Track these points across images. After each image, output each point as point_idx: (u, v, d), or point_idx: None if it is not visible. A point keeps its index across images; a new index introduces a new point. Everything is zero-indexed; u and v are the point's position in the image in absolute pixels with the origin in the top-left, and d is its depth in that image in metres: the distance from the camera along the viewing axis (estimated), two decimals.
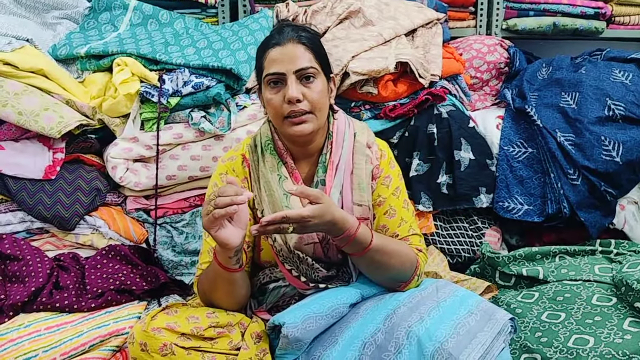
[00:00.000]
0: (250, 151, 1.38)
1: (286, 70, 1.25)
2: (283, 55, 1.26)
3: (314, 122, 1.28)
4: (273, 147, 1.36)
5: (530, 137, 1.88)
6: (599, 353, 1.22)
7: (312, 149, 1.36)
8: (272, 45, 1.28)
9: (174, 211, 1.84)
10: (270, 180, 1.32)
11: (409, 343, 1.10)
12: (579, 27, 2.23)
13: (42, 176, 1.67)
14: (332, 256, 1.34)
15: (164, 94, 1.75)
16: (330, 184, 1.33)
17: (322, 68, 1.30)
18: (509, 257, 1.64)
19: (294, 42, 1.27)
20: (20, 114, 1.63)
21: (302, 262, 1.31)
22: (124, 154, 1.76)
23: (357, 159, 1.36)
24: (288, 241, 1.31)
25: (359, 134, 1.40)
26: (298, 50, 1.26)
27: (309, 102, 1.26)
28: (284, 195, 1.31)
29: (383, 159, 1.40)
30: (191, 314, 1.20)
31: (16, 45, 1.74)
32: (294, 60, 1.25)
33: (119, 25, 2.06)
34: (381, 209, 1.36)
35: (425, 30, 2.04)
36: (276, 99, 1.27)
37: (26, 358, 1.36)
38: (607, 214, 1.81)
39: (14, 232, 1.69)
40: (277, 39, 1.28)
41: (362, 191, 1.34)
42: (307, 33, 1.31)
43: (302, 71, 1.26)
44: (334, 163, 1.34)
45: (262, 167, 1.35)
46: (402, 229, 1.35)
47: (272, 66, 1.26)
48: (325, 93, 1.31)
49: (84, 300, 1.56)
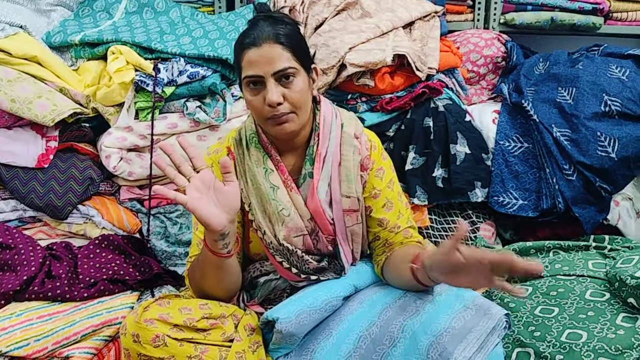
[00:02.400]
0: (236, 144, 1.37)
1: (264, 73, 1.21)
2: (260, 57, 1.21)
3: (296, 121, 1.27)
4: (257, 140, 1.34)
5: (526, 132, 1.88)
6: (592, 348, 1.23)
7: (298, 142, 1.35)
8: (247, 46, 1.23)
9: (167, 201, 1.83)
10: (257, 174, 1.31)
11: (404, 337, 1.10)
12: (577, 22, 2.23)
13: (35, 164, 1.66)
14: (322, 248, 1.34)
15: (159, 83, 1.73)
16: (318, 177, 1.32)
17: (301, 64, 1.26)
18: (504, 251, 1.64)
19: (271, 43, 1.22)
20: (13, 101, 1.61)
21: (292, 255, 1.31)
22: (118, 143, 1.75)
23: (344, 150, 1.35)
24: (277, 234, 1.30)
25: (347, 124, 1.38)
26: (275, 51, 1.22)
27: (289, 104, 1.24)
28: (271, 188, 1.31)
29: (374, 151, 1.39)
30: (184, 305, 1.19)
31: (10, 31, 1.72)
32: (272, 62, 1.21)
33: (114, 13, 2.04)
34: (378, 202, 1.36)
35: (423, 23, 2.03)
36: (256, 100, 1.24)
37: (18, 347, 1.35)
38: (602, 210, 1.81)
39: (6, 220, 1.68)
40: (253, 39, 1.22)
41: (351, 182, 1.33)
42: (284, 27, 1.25)
43: (280, 72, 1.22)
44: (321, 155, 1.32)
45: (247, 161, 1.33)
46: (401, 220, 1.36)
47: (249, 68, 1.23)
48: (307, 89, 1.28)
49: (76, 290, 1.55)
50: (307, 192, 1.33)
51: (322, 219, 1.32)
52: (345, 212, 1.34)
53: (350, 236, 1.36)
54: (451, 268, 1.04)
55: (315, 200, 1.31)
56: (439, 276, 1.09)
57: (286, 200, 1.31)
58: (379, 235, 1.36)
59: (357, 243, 1.38)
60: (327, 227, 1.33)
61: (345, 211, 1.34)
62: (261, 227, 1.32)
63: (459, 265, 1.02)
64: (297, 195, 1.32)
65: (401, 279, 1.25)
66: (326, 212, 1.32)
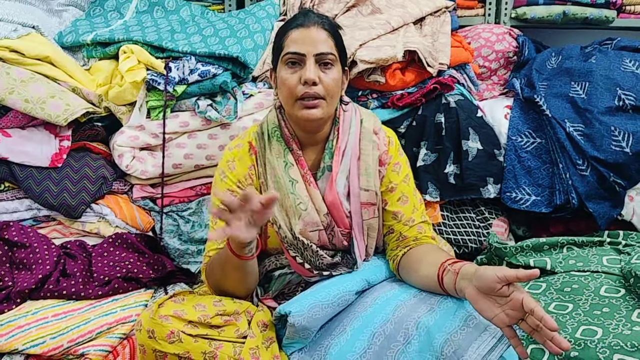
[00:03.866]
0: (257, 138, 1.39)
1: (307, 51, 1.26)
2: (305, 37, 1.26)
3: (325, 109, 1.29)
4: (280, 134, 1.36)
5: (538, 127, 1.86)
6: (607, 344, 1.22)
7: (320, 137, 1.37)
8: (295, 26, 1.28)
9: (180, 200, 1.84)
10: (276, 167, 1.33)
11: (419, 334, 1.10)
12: (589, 15, 2.21)
13: (48, 164, 1.67)
14: (338, 243, 1.35)
15: (171, 82, 1.74)
16: (337, 170, 1.33)
17: (340, 58, 1.31)
18: (517, 247, 1.63)
19: (318, 27, 1.28)
20: (26, 102, 1.62)
21: (307, 249, 1.31)
22: (130, 142, 1.76)
23: (364, 145, 1.37)
24: (293, 227, 1.31)
25: (366, 120, 1.41)
26: (321, 35, 1.27)
27: (323, 87, 1.27)
28: (290, 182, 1.32)
29: (391, 146, 1.42)
30: (198, 302, 1.20)
31: (22, 32, 1.74)
32: (316, 44, 1.26)
33: (125, 13, 2.05)
34: (394, 196, 1.37)
35: (434, 18, 2.02)
36: (292, 79, 1.27)
37: (34, 344, 1.37)
38: (616, 205, 1.80)
39: (20, 219, 1.70)
40: (302, 20, 1.29)
41: (369, 176, 1.35)
42: (330, 22, 1.32)
43: (322, 55, 1.26)
44: (340, 149, 1.35)
45: (268, 154, 1.35)
46: (416, 214, 1.37)
47: (293, 45, 1.27)
48: (340, 82, 1.32)
49: (90, 288, 1.57)
50: (325, 185, 1.34)
51: (339, 212, 1.33)
52: (363, 205, 1.35)
53: (366, 230, 1.37)
54: (488, 290, 1.04)
55: (333, 193, 1.32)
56: (467, 287, 1.08)
57: (304, 195, 1.32)
58: (393, 228, 1.37)
59: (372, 238, 1.39)
60: (343, 220, 1.34)
61: (363, 204, 1.35)
62: (277, 221, 1.33)
63: (495, 292, 1.02)
64: (315, 190, 1.34)
65: (419, 277, 1.25)
66: (343, 204, 1.33)
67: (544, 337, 0.98)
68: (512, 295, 1.01)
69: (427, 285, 1.22)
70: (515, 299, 1.00)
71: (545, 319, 0.96)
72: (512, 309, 1.01)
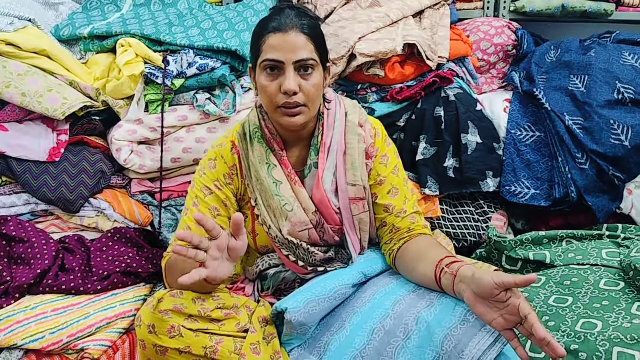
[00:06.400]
0: (240, 139, 1.36)
1: (286, 59, 1.20)
2: (285, 43, 1.19)
3: (307, 115, 1.26)
4: (261, 134, 1.34)
5: (538, 121, 1.86)
6: (607, 337, 1.22)
7: (304, 134, 1.35)
8: (272, 30, 1.21)
9: (179, 194, 1.83)
10: (259, 170, 1.31)
11: (419, 329, 1.10)
12: (588, 9, 2.20)
13: (46, 158, 1.66)
14: (329, 239, 1.34)
15: (169, 76, 1.73)
16: (323, 167, 1.32)
17: (320, 59, 1.26)
18: (516, 241, 1.63)
19: (297, 31, 1.20)
20: (24, 95, 1.61)
21: (298, 248, 1.31)
22: (128, 136, 1.75)
23: (349, 139, 1.35)
24: (282, 229, 1.30)
25: (350, 113, 1.38)
26: (300, 40, 1.20)
27: (304, 95, 1.22)
28: (274, 184, 1.31)
29: (378, 138, 1.39)
30: (197, 295, 1.20)
31: (19, 25, 1.72)
32: (295, 50, 1.20)
33: (122, 6, 2.03)
34: (383, 189, 1.36)
35: (433, 11, 2.01)
36: (272, 87, 1.22)
37: (33, 340, 1.36)
38: (615, 199, 1.80)
39: (18, 214, 1.69)
40: (279, 24, 1.21)
41: (356, 171, 1.33)
42: (309, 20, 1.24)
43: (302, 62, 1.21)
44: (325, 145, 1.33)
45: (251, 157, 1.33)
46: (407, 205, 1.36)
47: (271, 52, 1.20)
48: (321, 85, 1.27)
49: (89, 283, 1.56)
50: (312, 183, 1.33)
51: (327, 209, 1.32)
52: (352, 200, 1.34)
53: (357, 225, 1.36)
54: (486, 295, 1.03)
55: (320, 190, 1.31)
56: (465, 291, 1.08)
57: (289, 195, 1.31)
58: (385, 221, 1.36)
59: (365, 232, 1.38)
60: (333, 217, 1.33)
61: (352, 200, 1.34)
62: (267, 222, 1.32)
63: (493, 297, 1.02)
64: (300, 188, 1.32)
65: (417, 275, 1.24)
66: (332, 201, 1.32)
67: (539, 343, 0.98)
68: (510, 300, 1.01)
69: (426, 284, 1.21)
70: (513, 305, 1.00)
71: (535, 328, 0.96)
72: (510, 314, 1.02)
